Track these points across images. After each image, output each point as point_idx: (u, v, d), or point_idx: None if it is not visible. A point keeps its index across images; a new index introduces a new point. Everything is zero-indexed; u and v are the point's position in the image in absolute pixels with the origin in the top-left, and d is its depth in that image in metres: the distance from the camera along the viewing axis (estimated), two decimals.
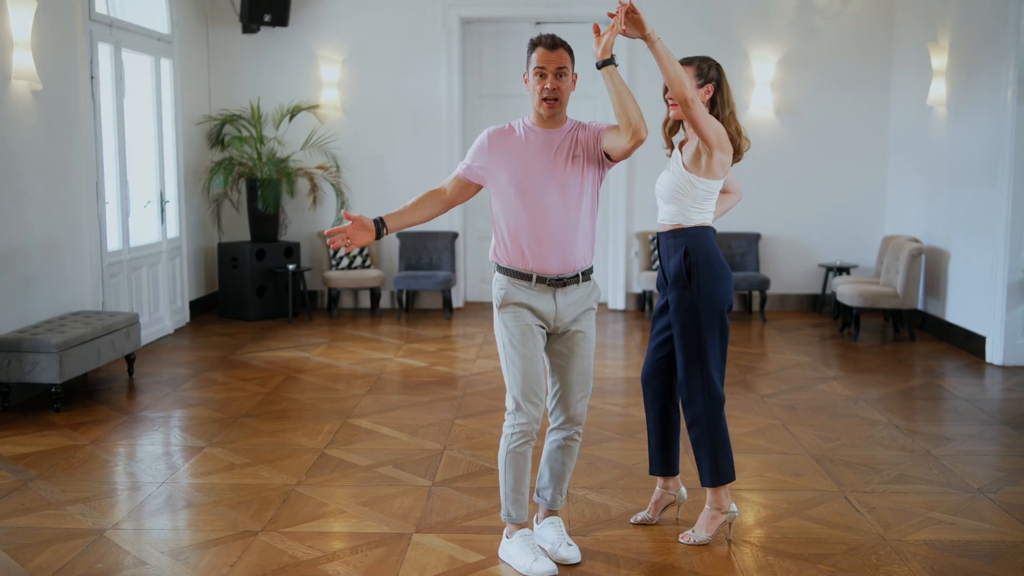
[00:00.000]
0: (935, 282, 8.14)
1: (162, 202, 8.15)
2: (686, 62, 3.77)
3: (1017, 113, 6.83)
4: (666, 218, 3.83)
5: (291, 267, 8.79)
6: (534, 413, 3.56)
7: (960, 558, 3.74)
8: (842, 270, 9.01)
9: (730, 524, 3.90)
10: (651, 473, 4.07)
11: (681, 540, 3.88)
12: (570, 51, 3.53)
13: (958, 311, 7.75)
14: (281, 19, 8.95)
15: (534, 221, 3.53)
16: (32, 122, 6.19)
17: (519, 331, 3.55)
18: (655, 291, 9.17)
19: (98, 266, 7.01)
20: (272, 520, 4.10)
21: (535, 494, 3.84)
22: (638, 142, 3.41)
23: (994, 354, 7.12)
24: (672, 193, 3.78)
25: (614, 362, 7.36)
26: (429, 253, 9.23)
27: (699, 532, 3.87)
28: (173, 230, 8.41)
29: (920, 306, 8.39)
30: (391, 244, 9.49)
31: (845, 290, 8.11)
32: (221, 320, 8.93)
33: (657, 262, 9.12)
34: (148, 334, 7.76)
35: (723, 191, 4.02)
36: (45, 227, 6.34)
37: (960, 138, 7.73)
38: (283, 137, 9.20)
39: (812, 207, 9.36)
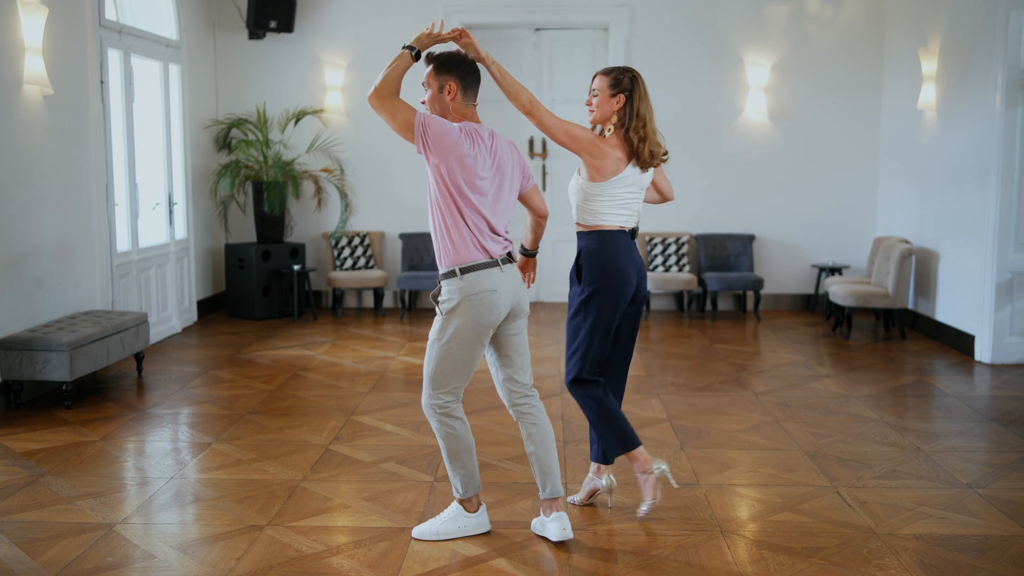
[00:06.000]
0: (925, 282, 8.24)
1: (170, 204, 8.24)
2: (605, 72, 3.99)
3: (1005, 117, 6.92)
4: (574, 217, 4.10)
5: (296, 268, 8.89)
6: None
7: (949, 552, 3.78)
8: (834, 270, 9.11)
9: (659, 479, 4.06)
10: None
11: (640, 515, 4.07)
12: (435, 63, 3.78)
13: (947, 310, 7.85)
14: (287, 25, 9.05)
15: None
16: (43, 126, 6.27)
17: None
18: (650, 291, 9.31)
19: (108, 266, 7.09)
20: (278, 515, 4.15)
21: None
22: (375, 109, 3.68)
23: (983, 352, 7.21)
24: (571, 194, 4.06)
25: None
26: (431, 254, 9.33)
27: (646, 500, 4.08)
28: (181, 231, 8.50)
29: (910, 306, 8.49)
30: (394, 245, 9.60)
31: (837, 290, 8.21)
32: (228, 319, 9.02)
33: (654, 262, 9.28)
34: (156, 333, 7.84)
35: (654, 190, 4.22)
36: (56, 228, 6.42)
37: (949, 142, 7.82)
38: (288, 141, 9.31)
39: (805, 209, 9.46)
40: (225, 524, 4.06)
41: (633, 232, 4.04)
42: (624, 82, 3.94)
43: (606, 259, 3.94)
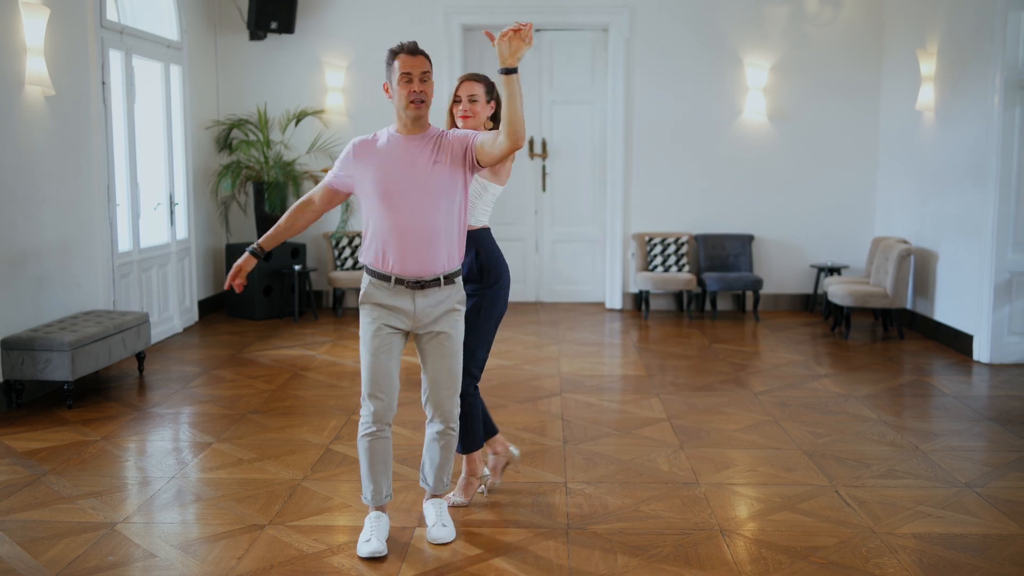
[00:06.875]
0: (924, 282, 8.26)
1: (171, 204, 8.26)
2: (476, 79, 4.06)
3: (1003, 118, 6.94)
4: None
5: (297, 267, 8.91)
6: (378, 406, 3.77)
7: (948, 551, 3.79)
8: (833, 270, 9.13)
9: (485, 484, 4.41)
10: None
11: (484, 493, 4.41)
12: (429, 58, 3.72)
13: (946, 310, 7.86)
14: (287, 26, 9.07)
15: (396, 225, 3.68)
16: (45, 127, 6.29)
17: (372, 329, 3.76)
18: (651, 290, 9.34)
19: (109, 267, 7.11)
20: (278, 514, 4.17)
21: (420, 478, 4.11)
22: (515, 149, 3.55)
23: (981, 352, 7.23)
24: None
25: (611, 360, 7.48)
26: None
27: (457, 496, 4.27)
28: (182, 231, 8.51)
29: (909, 305, 8.51)
30: None
31: (836, 290, 8.24)
32: (229, 319, 9.03)
33: (653, 262, 9.30)
34: (158, 333, 7.86)
35: None
36: (58, 229, 6.44)
37: (948, 142, 7.84)
38: (289, 141, 9.33)
39: (804, 209, 9.49)
40: (226, 523, 4.08)
41: None
42: (496, 89, 4.08)
43: (500, 255, 4.14)
